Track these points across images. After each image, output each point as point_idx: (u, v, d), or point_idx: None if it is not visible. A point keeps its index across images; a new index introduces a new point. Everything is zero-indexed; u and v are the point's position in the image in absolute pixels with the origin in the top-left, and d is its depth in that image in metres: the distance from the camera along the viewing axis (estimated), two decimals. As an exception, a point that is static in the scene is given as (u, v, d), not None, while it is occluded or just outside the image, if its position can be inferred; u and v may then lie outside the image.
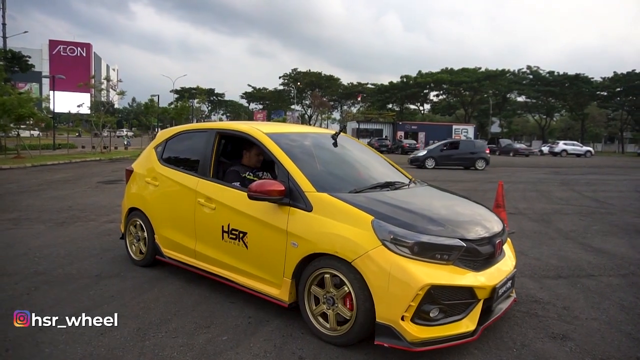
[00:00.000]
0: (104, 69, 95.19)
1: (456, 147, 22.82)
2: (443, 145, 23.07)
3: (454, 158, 21.94)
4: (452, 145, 23.19)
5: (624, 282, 4.53)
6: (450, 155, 22.06)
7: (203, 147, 4.13)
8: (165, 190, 4.36)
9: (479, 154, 22.09)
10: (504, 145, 44.70)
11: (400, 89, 68.87)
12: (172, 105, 43.20)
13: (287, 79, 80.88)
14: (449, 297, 2.76)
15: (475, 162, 21.78)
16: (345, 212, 3.00)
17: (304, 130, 4.35)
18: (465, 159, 21.99)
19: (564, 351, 3.01)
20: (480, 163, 21.86)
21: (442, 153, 22.13)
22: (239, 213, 3.54)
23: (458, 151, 22.29)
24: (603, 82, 63.03)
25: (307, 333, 3.16)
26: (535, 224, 7.59)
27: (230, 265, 3.66)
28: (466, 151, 22.20)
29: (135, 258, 4.70)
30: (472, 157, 21.89)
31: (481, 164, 21.88)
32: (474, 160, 21.83)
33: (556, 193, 12.30)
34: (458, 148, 22.60)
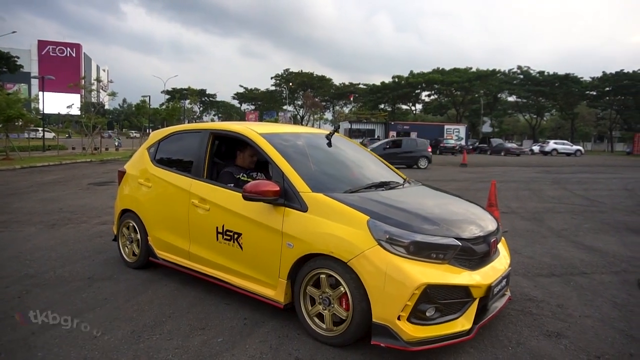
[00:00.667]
0: (94, 69, 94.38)
1: (399, 145, 22.86)
2: (386, 144, 23.14)
3: (397, 157, 21.67)
4: (394, 144, 23.24)
5: (616, 279, 4.58)
6: (394, 154, 21.71)
7: (197, 147, 4.10)
8: (158, 191, 4.33)
9: (421, 152, 22.18)
10: (495, 145, 44.97)
11: (392, 89, 69.03)
12: (163, 106, 42.93)
13: (279, 79, 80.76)
14: (445, 296, 2.77)
15: (418, 161, 21.79)
16: (341, 212, 3.00)
17: (298, 130, 4.34)
18: (408, 157, 21.95)
19: (558, 349, 3.03)
20: (422, 162, 21.95)
21: (385, 152, 21.85)
22: (233, 214, 3.52)
23: (401, 149, 22.23)
24: (592, 82, 63.63)
25: (303, 334, 3.15)
26: (528, 223, 7.64)
27: (225, 267, 3.64)
28: (409, 150, 22.18)
29: (128, 260, 4.66)
30: (415, 156, 21.89)
31: (424, 162, 21.99)
32: (416, 158, 21.83)
33: (548, 192, 12.40)
34: (401, 147, 22.62)
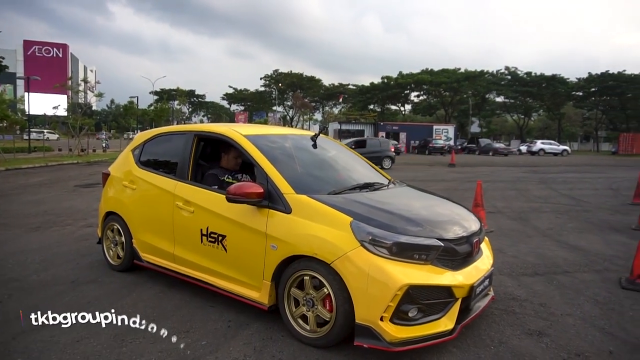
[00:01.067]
0: (81, 70, 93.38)
1: (363, 145, 23.01)
2: (351, 144, 23.30)
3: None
4: (358, 144, 23.40)
5: (598, 277, 4.65)
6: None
7: (181, 149, 4.09)
8: (142, 193, 4.30)
9: (385, 152, 22.37)
10: (484, 145, 45.34)
11: (381, 90, 69.31)
12: (151, 107, 42.66)
13: (268, 80, 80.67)
14: (428, 296, 2.79)
15: (382, 161, 21.94)
16: (324, 213, 3.01)
17: (283, 132, 4.35)
18: (372, 157, 22.07)
19: (540, 347, 3.07)
20: (386, 162, 22.13)
21: None
22: (217, 216, 3.51)
23: (365, 150, 22.23)
24: (578, 83, 64.47)
25: (287, 336, 3.15)
26: (514, 222, 7.72)
27: (210, 269, 3.63)
28: (372, 150, 22.30)
29: (112, 263, 4.63)
30: (379, 156, 21.99)
31: (387, 162, 22.19)
32: (380, 158, 21.94)
33: (534, 192, 12.53)
34: (365, 147, 22.78)
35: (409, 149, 46.84)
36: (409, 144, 47.36)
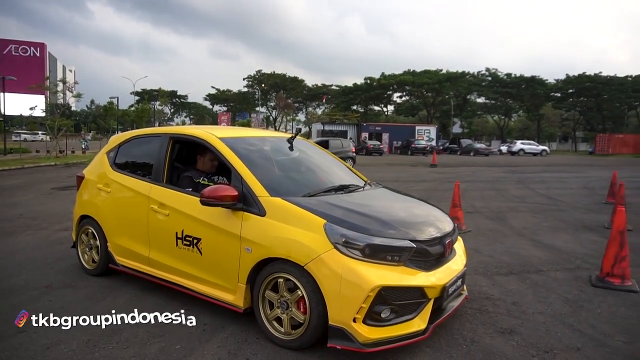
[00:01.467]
0: (59, 70, 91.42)
1: (326, 146, 23.25)
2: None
3: None
4: (321, 144, 23.56)
5: (570, 276, 4.76)
6: None
7: (156, 152, 4.06)
8: (117, 196, 4.26)
9: (346, 153, 22.58)
10: (465, 146, 45.94)
11: (364, 91, 69.63)
12: (132, 108, 42.07)
13: (251, 80, 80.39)
14: (400, 297, 2.82)
15: (344, 161, 22.14)
16: (298, 216, 3.02)
17: (260, 134, 4.35)
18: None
19: (510, 345, 3.14)
20: (348, 162, 22.38)
21: None
22: (192, 219, 3.49)
23: (328, 150, 22.56)
24: (556, 84, 65.83)
25: (262, 338, 3.15)
26: (491, 222, 7.85)
27: (185, 272, 3.61)
28: (335, 151, 22.53)
29: (87, 267, 4.57)
30: (342, 157, 22.19)
31: (349, 163, 22.46)
32: (343, 159, 22.15)
33: (512, 191, 12.75)
34: (328, 148, 23.07)
35: (392, 149, 47.17)
36: (392, 145, 47.71)
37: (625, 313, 3.75)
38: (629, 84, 62.15)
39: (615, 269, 4.36)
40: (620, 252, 4.34)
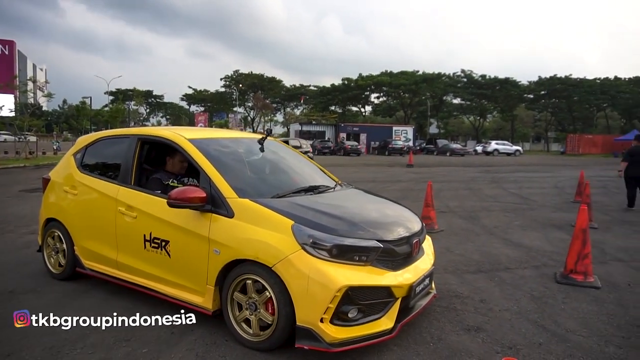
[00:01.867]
0: (29, 68, 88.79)
1: None
2: None
3: None
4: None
5: (536, 273, 4.88)
6: None
7: (124, 153, 3.99)
8: (84, 199, 4.17)
9: (305, 153, 22.77)
10: (441, 146, 46.59)
11: (341, 91, 69.86)
12: (106, 108, 41.21)
13: (228, 80, 79.67)
14: (367, 297, 2.85)
15: None
16: (266, 217, 3.02)
17: (229, 135, 4.33)
18: None
19: (476, 342, 3.20)
20: None
21: None
22: (160, 221, 3.45)
23: None
24: (529, 86, 67.46)
25: (231, 340, 3.14)
26: (464, 222, 7.98)
27: (153, 275, 3.57)
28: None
29: (54, 271, 4.46)
30: None
31: None
32: None
33: (486, 191, 12.99)
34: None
35: (370, 149, 47.47)
36: (370, 145, 48.01)
37: (587, 308, 3.88)
38: (597, 86, 64.16)
39: (579, 266, 4.49)
40: (583, 249, 4.48)
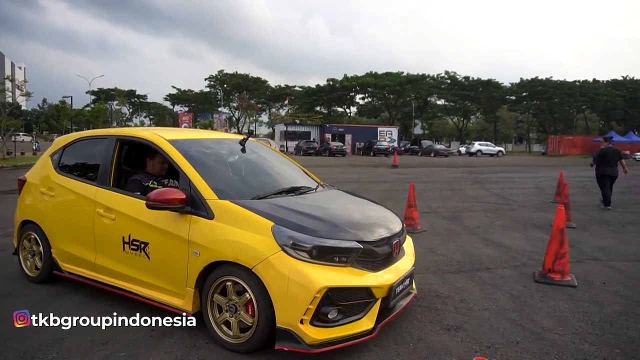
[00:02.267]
0: (7, 67, 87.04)
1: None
2: None
3: None
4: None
5: (516, 272, 4.95)
6: None
7: (103, 154, 3.94)
8: (61, 200, 4.10)
9: None
10: (426, 147, 46.98)
11: (327, 92, 69.97)
12: (88, 108, 40.57)
13: (213, 80, 79.20)
14: (347, 298, 2.86)
15: None
16: (247, 218, 3.01)
17: (210, 136, 4.30)
18: None
19: (455, 341, 3.23)
20: None
21: None
22: (139, 223, 3.41)
23: None
24: (511, 88, 68.52)
25: (211, 343, 3.12)
26: (447, 222, 8.06)
27: (133, 277, 3.52)
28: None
29: (30, 275, 4.38)
30: None
31: None
32: None
33: (468, 191, 13.14)
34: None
35: (355, 150, 47.61)
36: (355, 146, 48.16)
37: (563, 307, 3.95)
38: (577, 88, 65.54)
39: (556, 265, 4.57)
40: (561, 249, 4.56)
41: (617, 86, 67.57)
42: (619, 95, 65.88)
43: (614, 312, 3.84)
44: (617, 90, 66.36)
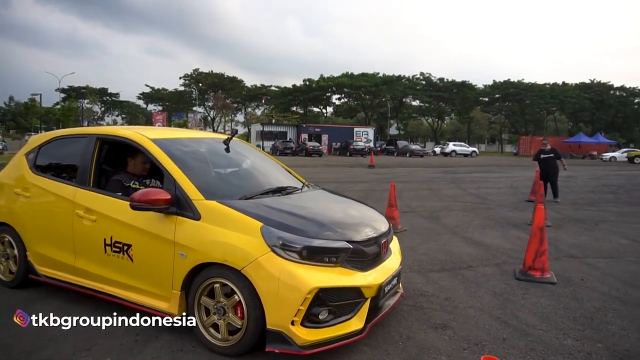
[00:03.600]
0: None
1: None
2: None
3: None
4: None
5: (497, 270, 5.04)
6: None
7: (82, 153, 3.81)
8: (38, 201, 3.95)
9: None
10: (401, 147, 47.47)
11: (303, 92, 69.94)
12: (58, 106, 39.38)
13: (188, 79, 78.15)
14: (337, 298, 2.85)
15: None
16: (234, 219, 2.96)
17: (194, 135, 4.23)
18: None
19: (443, 339, 3.26)
20: None
21: None
22: (122, 224, 3.32)
23: None
24: (484, 89, 69.96)
25: (199, 346, 3.05)
26: (426, 221, 8.15)
27: (115, 281, 3.42)
28: None
29: (3, 279, 4.20)
30: None
31: None
32: None
33: (445, 191, 13.33)
34: None
35: (331, 150, 47.73)
36: (331, 146, 48.27)
37: (545, 303, 4.04)
38: (547, 90, 67.46)
39: (536, 262, 4.67)
40: (540, 247, 4.66)
41: (585, 89, 69.94)
42: (586, 98, 68.17)
43: (593, 308, 3.95)
44: (585, 93, 68.66)
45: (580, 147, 52.13)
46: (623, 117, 72.45)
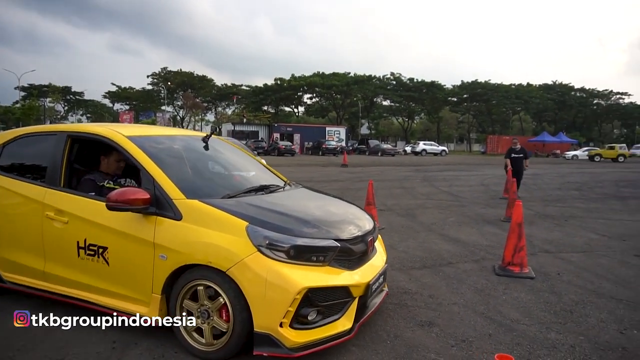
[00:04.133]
0: None
1: None
2: None
3: None
4: None
5: (476, 266, 5.09)
6: None
7: (51, 152, 3.60)
8: (3, 203, 3.71)
9: None
10: (373, 146, 47.84)
11: (274, 91, 69.64)
12: (18, 105, 37.78)
13: (156, 78, 76.49)
14: (326, 298, 2.78)
15: None
16: (218, 218, 2.85)
17: (172, 132, 4.07)
18: None
19: (431, 337, 3.25)
20: None
21: None
22: (97, 226, 3.15)
23: None
24: (453, 89, 71.39)
25: (181, 352, 2.93)
26: (403, 219, 8.18)
27: (89, 285, 3.24)
28: None
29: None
30: None
31: None
32: None
33: (419, 189, 13.47)
34: None
35: (304, 150, 47.64)
36: (303, 145, 48.18)
37: (526, 298, 4.09)
38: (512, 91, 69.45)
39: (515, 258, 4.74)
40: (519, 242, 4.73)
41: (548, 90, 72.45)
42: (549, 99, 70.63)
43: (571, 301, 4.02)
44: (548, 94, 71.11)
45: (544, 146, 53.85)
46: (583, 117, 75.49)
